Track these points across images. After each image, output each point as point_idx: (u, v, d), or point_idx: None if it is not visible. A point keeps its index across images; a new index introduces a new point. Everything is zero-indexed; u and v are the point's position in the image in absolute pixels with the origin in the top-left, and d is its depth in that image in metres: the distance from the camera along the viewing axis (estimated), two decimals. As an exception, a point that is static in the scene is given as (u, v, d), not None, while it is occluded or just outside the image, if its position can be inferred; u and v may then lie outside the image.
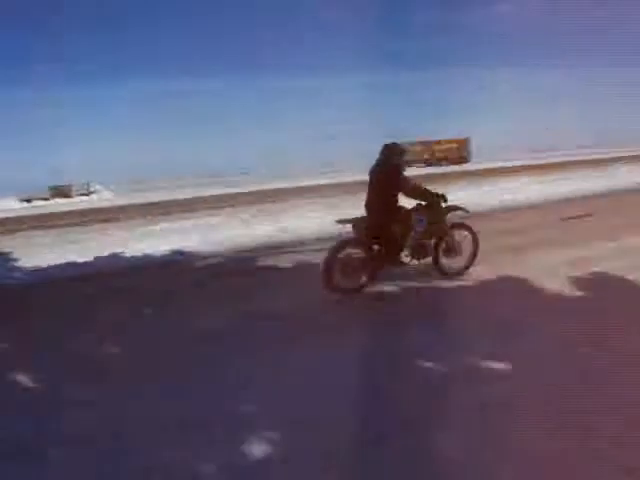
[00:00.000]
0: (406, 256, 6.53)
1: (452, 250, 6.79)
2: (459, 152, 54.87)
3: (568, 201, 14.51)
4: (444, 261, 6.73)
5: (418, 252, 6.58)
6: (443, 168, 45.83)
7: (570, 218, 10.75)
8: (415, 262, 6.62)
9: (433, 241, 6.68)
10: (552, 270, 6.52)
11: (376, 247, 6.38)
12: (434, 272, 6.65)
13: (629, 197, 14.90)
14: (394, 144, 6.61)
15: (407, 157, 8.39)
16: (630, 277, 5.95)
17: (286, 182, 38.24)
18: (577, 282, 5.97)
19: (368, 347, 4.67)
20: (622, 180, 19.40)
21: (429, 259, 6.68)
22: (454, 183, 20.87)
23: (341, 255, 6.17)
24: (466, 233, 6.98)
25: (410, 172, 8.62)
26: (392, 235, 6.38)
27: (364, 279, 6.26)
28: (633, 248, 7.54)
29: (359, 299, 6.08)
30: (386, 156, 6.54)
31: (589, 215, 11.00)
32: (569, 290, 5.73)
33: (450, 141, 55.83)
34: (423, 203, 6.65)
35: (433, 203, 6.62)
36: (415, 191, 6.56)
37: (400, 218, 6.46)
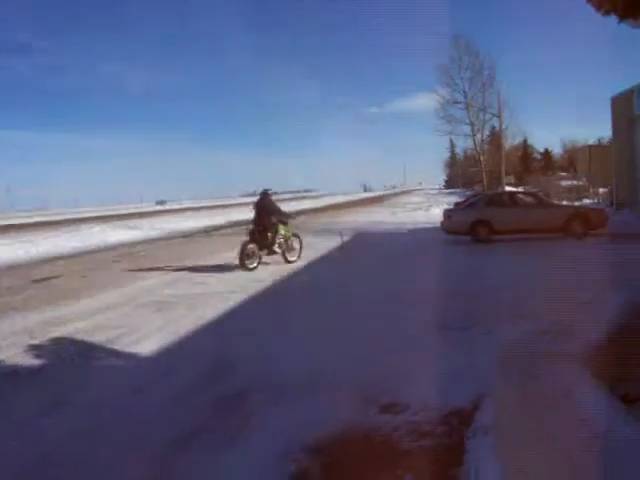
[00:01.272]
0: (276, 248, 12.46)
1: (292, 248, 12.92)
2: None
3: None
4: (287, 254, 12.80)
5: (280, 247, 12.56)
6: None
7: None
8: (280, 252, 12.58)
9: (284, 241, 12.67)
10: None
11: (261, 244, 12.15)
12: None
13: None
14: (267, 189, 12.76)
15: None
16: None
17: None
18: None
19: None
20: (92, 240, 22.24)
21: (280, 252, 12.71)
22: None
23: (247, 249, 11.82)
24: (297, 239, 13.20)
25: None
26: (268, 237, 12.24)
27: (258, 260, 12.09)
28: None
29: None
30: (263, 195, 12.70)
31: (56, 277, 12.46)
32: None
33: None
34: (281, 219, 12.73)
35: (286, 220, 12.88)
36: (278, 213, 12.61)
37: (271, 227, 12.32)
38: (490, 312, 6.91)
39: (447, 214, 16.48)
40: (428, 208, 33.46)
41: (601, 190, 28.64)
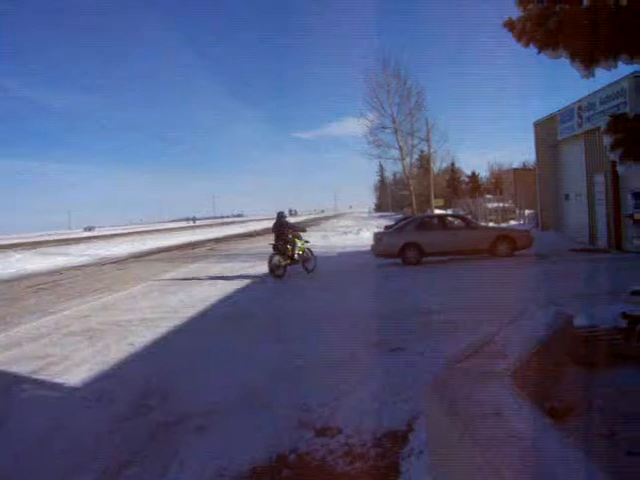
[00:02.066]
0: (296, 259, 15.09)
1: (307, 259, 15.43)
2: None
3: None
4: (305, 263, 15.29)
5: (299, 257, 15.22)
6: None
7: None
8: (300, 261, 15.11)
9: (301, 253, 15.36)
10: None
11: (284, 255, 14.83)
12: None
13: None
14: (282, 212, 15.70)
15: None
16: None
17: None
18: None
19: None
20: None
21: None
22: None
23: (274, 260, 14.58)
24: (310, 252, 15.62)
25: None
26: (289, 250, 14.97)
27: (283, 269, 14.61)
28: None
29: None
30: (278, 216, 15.54)
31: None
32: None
33: None
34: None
35: (300, 235, 15.53)
36: (293, 229, 15.58)
37: (289, 241, 15.06)
38: (420, 333, 7.13)
39: (377, 237, 16.88)
40: (358, 231, 33.90)
41: (527, 212, 29.99)
